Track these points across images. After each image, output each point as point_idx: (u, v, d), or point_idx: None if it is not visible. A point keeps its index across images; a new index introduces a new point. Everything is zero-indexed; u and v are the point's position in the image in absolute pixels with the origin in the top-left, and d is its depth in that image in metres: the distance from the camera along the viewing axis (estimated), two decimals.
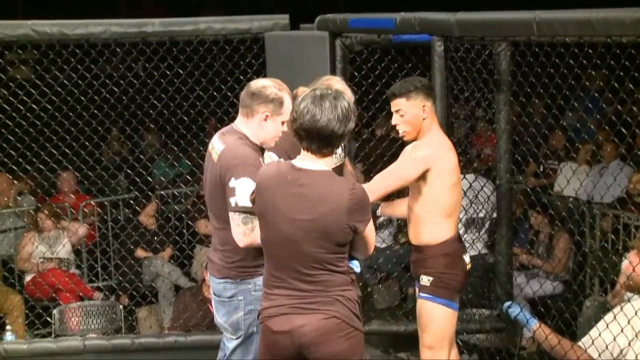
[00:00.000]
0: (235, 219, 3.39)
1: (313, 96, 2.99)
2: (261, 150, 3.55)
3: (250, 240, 3.39)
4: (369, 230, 3.10)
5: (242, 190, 3.34)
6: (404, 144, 3.86)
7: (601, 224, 6.27)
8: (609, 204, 6.47)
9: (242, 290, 3.53)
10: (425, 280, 3.79)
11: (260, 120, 3.47)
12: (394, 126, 3.83)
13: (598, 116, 7.64)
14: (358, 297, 3.13)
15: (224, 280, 3.57)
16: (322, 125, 2.95)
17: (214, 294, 3.64)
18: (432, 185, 3.71)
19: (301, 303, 3.04)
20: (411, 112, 3.74)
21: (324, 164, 3.04)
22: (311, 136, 2.98)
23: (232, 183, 3.36)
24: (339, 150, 3.76)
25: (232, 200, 3.37)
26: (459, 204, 3.88)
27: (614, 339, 3.59)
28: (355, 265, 3.20)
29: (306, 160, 3.03)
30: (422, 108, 3.74)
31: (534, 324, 3.85)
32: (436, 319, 3.80)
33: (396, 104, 3.77)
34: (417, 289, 3.90)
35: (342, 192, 2.98)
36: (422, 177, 3.71)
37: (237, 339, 3.60)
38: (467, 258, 3.85)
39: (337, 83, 3.77)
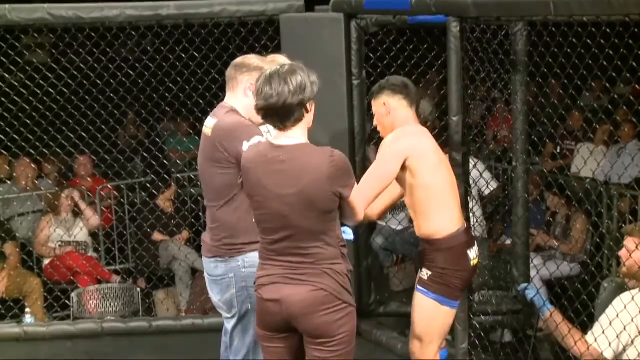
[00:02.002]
0: None
1: (264, 76, 3.08)
2: None
3: None
4: (355, 195, 3.13)
5: None
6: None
7: (619, 205, 6.24)
8: (627, 185, 6.43)
9: (232, 268, 3.57)
10: (424, 273, 3.72)
11: (245, 89, 3.57)
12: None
13: None
14: (348, 271, 3.16)
15: (214, 259, 3.62)
16: (275, 101, 3.03)
17: (207, 273, 3.69)
18: (416, 173, 3.66)
19: (291, 273, 3.10)
20: (377, 111, 3.82)
21: (299, 137, 3.10)
22: (270, 114, 3.08)
23: (245, 145, 3.39)
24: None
25: None
26: (452, 191, 3.75)
27: (632, 320, 3.59)
28: (347, 233, 3.23)
29: (282, 137, 3.11)
30: (382, 106, 3.78)
31: (550, 308, 3.84)
32: (426, 315, 3.74)
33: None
34: (416, 280, 3.83)
35: (321, 161, 3.05)
36: (404, 168, 3.67)
37: (232, 317, 3.64)
38: (472, 253, 3.74)
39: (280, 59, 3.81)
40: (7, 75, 5.14)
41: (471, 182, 4.39)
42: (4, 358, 4.96)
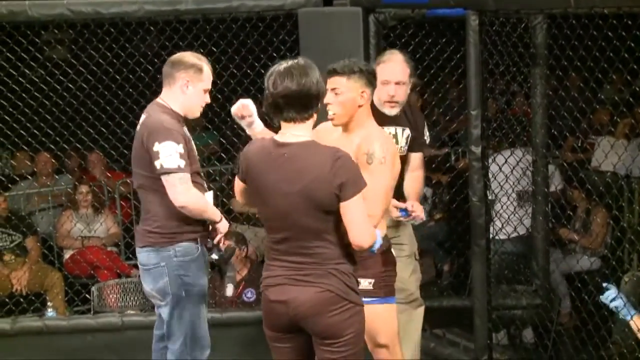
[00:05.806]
0: (169, 180, 3.54)
1: (282, 68, 3.03)
2: (185, 121, 3.73)
3: (188, 199, 3.56)
4: (357, 207, 3.01)
5: (167, 153, 3.51)
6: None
7: None
8: None
9: (163, 257, 3.66)
10: (367, 283, 3.53)
11: (182, 87, 3.67)
12: (326, 105, 3.42)
13: None
14: (355, 270, 3.14)
15: (145, 249, 3.70)
16: (297, 90, 3.00)
17: (140, 263, 3.76)
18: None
19: (296, 274, 3.08)
20: (348, 93, 3.42)
21: (305, 134, 3.06)
22: (289, 103, 3.01)
23: (156, 147, 3.53)
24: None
25: (157, 164, 3.53)
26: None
27: None
28: (377, 240, 3.13)
29: (287, 134, 3.07)
30: (360, 93, 3.44)
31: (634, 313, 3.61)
32: (385, 319, 3.63)
33: (334, 82, 3.42)
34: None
35: (325, 159, 3.00)
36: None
37: (166, 305, 3.72)
38: (395, 252, 3.69)
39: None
40: (27, 71, 5.17)
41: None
42: (26, 351, 5.01)
